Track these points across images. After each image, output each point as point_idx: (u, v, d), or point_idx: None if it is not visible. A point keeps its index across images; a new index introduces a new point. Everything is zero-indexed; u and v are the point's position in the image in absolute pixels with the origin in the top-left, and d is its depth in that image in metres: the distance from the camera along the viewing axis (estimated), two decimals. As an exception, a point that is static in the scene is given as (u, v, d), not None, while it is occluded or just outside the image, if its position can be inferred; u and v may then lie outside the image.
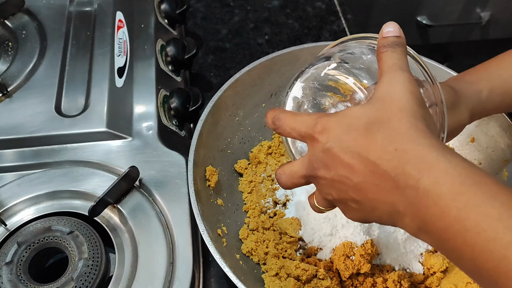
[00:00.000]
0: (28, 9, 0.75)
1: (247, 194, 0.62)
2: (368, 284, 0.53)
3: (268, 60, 0.64)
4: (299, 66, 0.62)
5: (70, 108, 0.64)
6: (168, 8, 0.79)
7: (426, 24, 1.20)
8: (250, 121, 0.66)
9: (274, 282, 0.53)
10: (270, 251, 0.56)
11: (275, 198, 0.62)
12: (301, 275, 0.53)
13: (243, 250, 0.56)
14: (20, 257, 0.49)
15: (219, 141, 0.62)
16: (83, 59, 0.69)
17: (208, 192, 0.57)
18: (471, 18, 1.23)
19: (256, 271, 0.55)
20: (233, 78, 0.62)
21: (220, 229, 0.55)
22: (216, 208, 0.57)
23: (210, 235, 0.49)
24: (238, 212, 0.61)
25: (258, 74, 0.64)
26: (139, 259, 0.51)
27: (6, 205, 0.55)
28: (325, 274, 0.54)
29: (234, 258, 0.54)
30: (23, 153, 0.60)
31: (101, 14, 0.74)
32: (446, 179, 0.31)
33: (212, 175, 0.58)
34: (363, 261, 0.52)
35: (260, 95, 0.65)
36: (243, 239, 0.57)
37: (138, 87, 0.67)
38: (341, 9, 0.88)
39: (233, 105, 0.63)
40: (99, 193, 0.53)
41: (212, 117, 0.59)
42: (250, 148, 0.66)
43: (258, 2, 0.90)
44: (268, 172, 0.65)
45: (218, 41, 0.83)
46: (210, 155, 0.60)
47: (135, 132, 0.63)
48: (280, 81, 0.66)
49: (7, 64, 0.68)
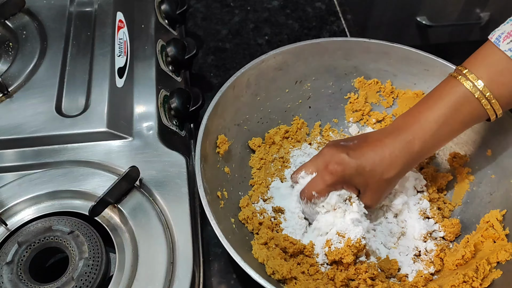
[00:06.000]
0: (29, 9, 0.75)
1: (256, 170, 0.64)
2: (351, 271, 0.54)
3: (297, 47, 0.65)
4: (327, 57, 0.67)
5: (71, 108, 0.64)
6: (168, 8, 0.79)
7: (426, 24, 1.21)
8: (271, 103, 0.67)
9: (261, 250, 0.54)
10: (265, 223, 0.58)
11: (282, 176, 0.64)
12: (288, 248, 0.55)
13: (239, 217, 0.58)
14: (21, 256, 0.49)
15: (237, 115, 0.63)
16: (84, 59, 0.69)
17: (216, 158, 0.59)
18: (471, 18, 1.23)
19: (248, 238, 0.57)
20: (259, 58, 0.63)
21: (220, 192, 0.57)
22: (222, 174, 0.60)
23: (207, 192, 0.52)
24: (243, 184, 0.63)
25: (284, 59, 0.65)
26: (139, 259, 0.51)
27: (6, 205, 0.55)
28: (311, 251, 0.56)
29: (228, 220, 0.56)
30: (24, 153, 0.61)
31: (102, 15, 0.74)
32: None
33: (223, 144, 0.60)
34: (348, 251, 0.53)
35: (284, 80, 0.67)
36: (242, 208, 0.59)
37: (139, 87, 0.67)
38: (341, 10, 0.89)
39: (255, 84, 0.64)
40: (100, 193, 0.53)
41: (233, 91, 0.61)
42: (267, 129, 0.67)
43: (258, 3, 0.90)
44: (281, 154, 0.66)
45: (218, 41, 0.84)
46: (225, 126, 0.61)
47: (135, 132, 0.63)
48: (306, 69, 0.67)
49: (7, 64, 0.68)
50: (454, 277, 0.52)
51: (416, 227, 0.59)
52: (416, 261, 0.57)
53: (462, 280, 0.51)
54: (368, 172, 0.54)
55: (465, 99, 0.51)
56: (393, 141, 0.53)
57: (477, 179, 0.61)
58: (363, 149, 0.54)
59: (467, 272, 0.51)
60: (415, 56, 0.64)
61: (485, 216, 0.57)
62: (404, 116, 0.55)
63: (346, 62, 0.67)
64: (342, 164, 0.54)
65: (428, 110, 0.53)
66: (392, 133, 0.54)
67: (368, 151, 0.54)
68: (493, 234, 0.54)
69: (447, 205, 0.62)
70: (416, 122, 0.53)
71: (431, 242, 0.58)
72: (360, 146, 0.55)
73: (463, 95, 0.51)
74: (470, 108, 0.51)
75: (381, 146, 0.54)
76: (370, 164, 0.53)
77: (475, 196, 0.60)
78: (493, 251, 0.53)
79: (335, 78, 0.68)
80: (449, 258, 0.55)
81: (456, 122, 0.52)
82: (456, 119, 0.52)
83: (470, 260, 0.54)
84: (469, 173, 0.62)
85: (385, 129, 0.56)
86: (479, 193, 0.60)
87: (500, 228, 0.54)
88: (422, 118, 0.53)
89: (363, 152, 0.54)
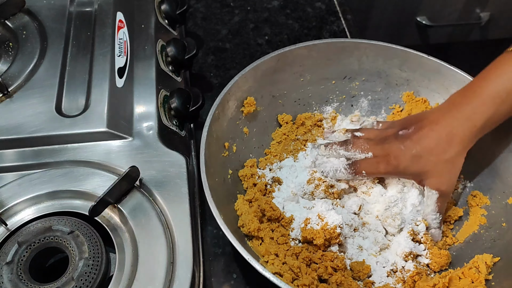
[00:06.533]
0: (29, 10, 0.75)
1: (276, 142, 0.65)
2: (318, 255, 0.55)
3: (351, 43, 0.65)
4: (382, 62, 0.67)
5: (71, 108, 0.64)
6: (168, 8, 0.79)
7: (426, 24, 1.21)
8: (313, 88, 0.67)
9: (243, 205, 0.56)
10: (259, 185, 0.59)
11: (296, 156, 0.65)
12: (267, 210, 0.56)
13: (239, 173, 0.61)
14: (21, 256, 0.49)
15: (273, 86, 0.64)
16: (84, 59, 0.69)
17: (238, 115, 0.61)
18: (471, 18, 1.23)
19: (239, 192, 0.59)
20: (311, 42, 0.64)
21: (229, 144, 0.59)
22: (239, 131, 0.62)
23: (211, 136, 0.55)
24: (258, 150, 0.64)
25: (335, 51, 0.65)
26: (139, 259, 0.51)
27: (6, 205, 0.55)
28: (288, 223, 0.57)
29: (225, 169, 0.58)
30: (24, 153, 0.61)
31: (102, 15, 0.74)
32: None
33: (249, 106, 0.61)
34: (321, 234, 0.54)
35: (332, 71, 0.67)
36: (245, 166, 0.61)
37: (139, 87, 0.67)
38: (341, 10, 0.89)
39: (300, 66, 0.65)
40: (100, 193, 0.53)
41: (276, 63, 0.62)
42: (302, 111, 0.68)
43: (258, 3, 0.90)
44: (306, 137, 0.66)
45: (218, 41, 0.84)
46: (259, 92, 0.63)
47: (135, 132, 0.63)
48: (358, 68, 0.67)
49: (7, 64, 0.68)
50: None
51: (401, 244, 0.58)
52: (390, 275, 0.56)
53: None
54: (423, 159, 0.53)
55: None
56: (451, 119, 0.52)
57: (488, 223, 0.59)
58: (419, 136, 0.54)
59: None
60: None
61: (476, 257, 0.55)
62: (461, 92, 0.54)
63: (400, 73, 0.67)
64: (399, 157, 0.54)
65: (489, 85, 0.51)
66: (450, 111, 0.53)
67: (423, 138, 0.53)
68: (474, 274, 0.53)
69: (448, 239, 0.60)
70: (476, 97, 0.52)
71: (411, 263, 0.57)
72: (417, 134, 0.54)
73: None
74: None
75: (437, 130, 0.53)
76: (426, 151, 0.53)
77: (479, 239, 0.59)
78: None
79: (385, 85, 0.68)
80: (421, 283, 0.54)
81: None
82: None
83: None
84: (483, 215, 0.60)
85: (441, 107, 0.55)
86: (484, 237, 0.58)
87: (484, 271, 0.53)
88: (483, 92, 0.51)
89: (419, 139, 0.54)
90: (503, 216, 0.58)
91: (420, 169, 0.54)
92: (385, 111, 0.69)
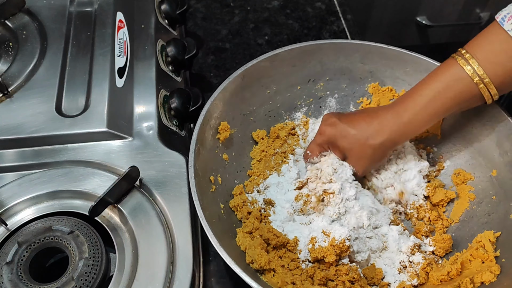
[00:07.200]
0: (29, 10, 0.75)
1: (256, 161, 0.64)
2: (332, 272, 0.54)
3: (313, 45, 0.65)
4: (343, 59, 0.66)
5: (71, 108, 0.64)
6: (168, 8, 0.79)
7: (425, 24, 1.21)
8: (281, 98, 0.67)
9: (245, 238, 0.55)
10: (254, 213, 0.58)
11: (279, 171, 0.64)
12: (271, 239, 0.55)
13: (230, 204, 0.59)
14: (21, 256, 0.49)
15: (243, 105, 0.64)
16: (84, 59, 0.69)
17: (216, 143, 0.60)
18: (471, 18, 1.23)
19: (235, 225, 0.57)
20: (274, 52, 0.63)
21: (214, 177, 0.57)
22: (219, 160, 0.60)
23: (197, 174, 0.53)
24: (240, 173, 0.63)
25: (299, 55, 0.65)
26: (139, 259, 0.51)
27: (6, 205, 0.55)
28: (294, 246, 0.56)
29: (217, 205, 0.57)
30: (24, 153, 0.61)
31: (102, 15, 0.74)
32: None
33: (224, 131, 0.60)
34: (331, 250, 0.53)
35: (297, 76, 0.67)
36: (234, 195, 0.60)
37: (139, 87, 0.67)
38: (341, 10, 0.89)
39: (267, 77, 0.65)
40: (100, 193, 0.53)
41: (242, 80, 0.61)
42: (273, 123, 0.67)
43: (258, 3, 0.90)
44: (284, 149, 0.66)
45: (218, 41, 0.84)
46: (230, 114, 0.62)
47: (135, 132, 0.63)
48: (321, 69, 0.67)
49: (7, 64, 0.68)
50: None
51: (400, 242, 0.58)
52: (401, 272, 0.57)
53: None
54: (352, 136, 0.58)
55: (457, 76, 0.53)
56: (385, 112, 0.57)
57: (478, 198, 0.60)
58: (355, 116, 0.59)
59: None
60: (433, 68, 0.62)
61: (478, 236, 0.56)
62: (402, 95, 0.59)
63: (363, 66, 0.67)
64: (331, 126, 0.59)
65: (421, 87, 0.56)
66: (387, 107, 0.58)
67: (358, 119, 0.58)
68: (483, 254, 0.53)
69: (444, 221, 0.61)
70: (409, 97, 0.57)
71: (419, 255, 0.57)
72: (354, 114, 0.60)
73: (456, 73, 0.53)
74: (462, 85, 0.53)
75: (372, 116, 0.58)
76: (356, 129, 0.57)
77: (473, 215, 0.59)
78: (479, 271, 0.52)
79: (349, 81, 0.68)
80: (434, 273, 0.55)
81: (447, 98, 0.54)
82: (447, 95, 0.54)
83: (455, 277, 0.53)
84: (470, 191, 0.61)
85: (383, 105, 0.60)
86: (478, 212, 0.59)
87: (491, 249, 0.54)
88: (415, 93, 0.56)
89: (354, 118, 0.59)
90: (491, 189, 0.59)
91: (347, 144, 0.58)
92: (354, 106, 0.69)
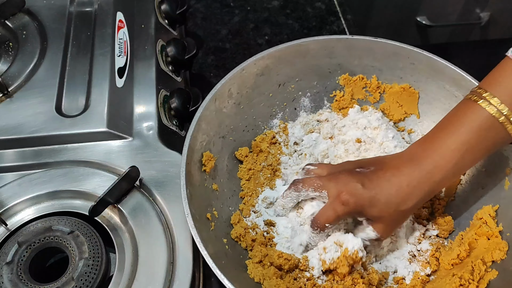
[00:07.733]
0: (29, 10, 0.75)
1: (245, 181, 0.62)
2: (348, 282, 0.53)
3: (277, 51, 0.64)
4: (310, 57, 0.66)
5: (71, 108, 0.64)
6: (168, 8, 0.79)
7: (426, 24, 1.21)
8: (255, 110, 0.66)
9: (257, 269, 0.53)
10: (258, 239, 0.56)
11: (272, 185, 0.63)
12: (283, 265, 0.54)
13: (232, 235, 0.56)
14: (21, 256, 0.49)
15: (221, 128, 0.62)
16: (84, 59, 0.69)
17: (203, 176, 0.57)
18: (471, 18, 1.23)
19: (242, 256, 0.56)
20: (239, 67, 0.62)
21: (210, 213, 0.55)
22: (210, 192, 0.58)
23: (195, 218, 0.50)
24: (233, 198, 0.61)
25: (266, 64, 0.64)
26: (139, 259, 0.51)
27: (6, 205, 0.55)
28: (306, 265, 0.55)
29: (220, 242, 0.55)
30: (24, 153, 0.61)
31: (102, 15, 0.74)
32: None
33: (208, 161, 0.58)
34: (344, 261, 0.52)
35: (267, 84, 0.66)
36: (234, 224, 0.58)
37: (139, 87, 0.67)
38: (341, 10, 0.89)
39: (238, 93, 0.63)
40: (100, 193, 0.53)
41: (214, 104, 0.60)
42: (253, 136, 0.66)
43: (258, 2, 0.90)
44: (269, 161, 0.64)
45: (218, 41, 0.84)
46: (209, 141, 0.60)
47: (135, 132, 0.63)
48: (289, 71, 0.66)
49: (7, 64, 0.68)
50: (451, 280, 0.52)
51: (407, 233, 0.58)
52: (412, 261, 0.57)
53: (458, 284, 0.50)
54: (383, 204, 0.51)
55: (489, 125, 0.48)
56: (411, 170, 0.50)
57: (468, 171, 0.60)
58: (379, 178, 0.51)
59: (463, 275, 0.51)
60: (400, 50, 0.64)
61: (478, 213, 0.56)
62: (422, 143, 0.52)
63: (330, 60, 0.66)
64: (355, 196, 0.51)
65: (449, 138, 0.50)
66: (411, 161, 0.51)
67: (383, 181, 0.51)
68: (487, 231, 0.54)
69: (440, 200, 0.61)
70: (436, 150, 0.50)
71: (426, 242, 0.58)
72: (376, 175, 0.51)
73: (487, 121, 0.48)
74: (494, 134, 0.48)
75: (398, 176, 0.51)
76: (386, 196, 0.50)
77: (467, 190, 0.60)
78: (488, 250, 0.53)
79: (319, 77, 0.68)
80: (444, 258, 0.55)
81: (481, 149, 0.50)
82: (480, 147, 0.49)
83: (465, 258, 0.54)
84: None
85: (402, 155, 0.53)
86: (471, 186, 0.60)
87: (493, 224, 0.54)
88: (443, 145, 0.50)
89: (379, 182, 0.51)
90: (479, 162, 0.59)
91: (376, 213, 0.52)
92: (328, 101, 0.69)
